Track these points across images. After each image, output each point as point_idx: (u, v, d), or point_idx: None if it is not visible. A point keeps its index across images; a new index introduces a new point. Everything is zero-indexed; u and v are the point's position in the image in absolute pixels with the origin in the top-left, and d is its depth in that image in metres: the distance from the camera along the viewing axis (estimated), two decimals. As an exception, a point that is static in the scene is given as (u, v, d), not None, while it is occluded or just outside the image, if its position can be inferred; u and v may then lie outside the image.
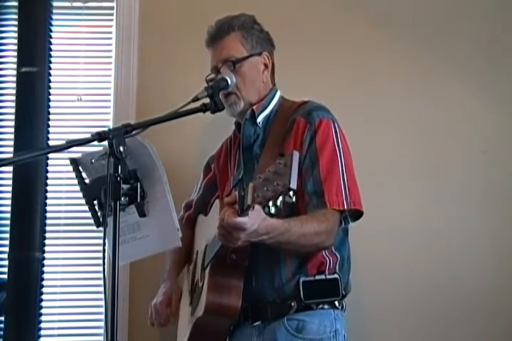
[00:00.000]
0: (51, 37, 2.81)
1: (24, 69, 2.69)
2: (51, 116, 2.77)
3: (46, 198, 2.70)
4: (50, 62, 2.79)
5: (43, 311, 2.64)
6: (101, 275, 1.78)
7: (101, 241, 1.66)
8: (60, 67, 2.83)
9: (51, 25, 2.82)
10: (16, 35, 2.75)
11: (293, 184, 1.48)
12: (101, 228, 1.70)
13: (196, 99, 1.89)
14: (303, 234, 1.87)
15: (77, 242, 2.72)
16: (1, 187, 2.74)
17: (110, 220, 1.65)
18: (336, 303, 2.01)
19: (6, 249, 2.62)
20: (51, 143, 2.73)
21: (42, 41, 2.75)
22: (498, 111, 2.77)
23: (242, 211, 1.66)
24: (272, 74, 2.23)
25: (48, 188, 2.72)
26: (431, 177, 2.71)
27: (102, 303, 1.81)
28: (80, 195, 1.82)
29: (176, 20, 2.81)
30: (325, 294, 1.99)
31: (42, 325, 2.63)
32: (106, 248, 1.66)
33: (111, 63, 2.80)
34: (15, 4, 2.78)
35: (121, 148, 1.67)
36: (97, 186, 1.74)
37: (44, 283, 2.65)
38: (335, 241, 1.99)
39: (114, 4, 2.82)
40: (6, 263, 2.61)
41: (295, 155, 1.51)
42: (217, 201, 2.11)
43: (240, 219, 1.68)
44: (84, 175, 1.84)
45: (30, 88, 2.70)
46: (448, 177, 2.71)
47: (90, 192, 1.79)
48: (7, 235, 2.63)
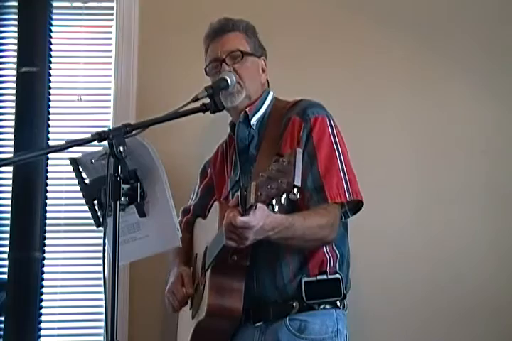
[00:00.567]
0: (51, 37, 2.81)
1: (24, 69, 2.69)
2: (51, 116, 2.77)
3: (46, 198, 2.70)
4: (50, 62, 2.79)
5: (43, 311, 2.64)
6: (101, 275, 1.78)
7: (101, 241, 1.66)
8: (60, 67, 2.83)
9: (51, 25, 2.82)
10: (16, 35, 2.75)
11: (297, 181, 1.48)
12: (101, 228, 1.70)
13: (196, 99, 1.89)
14: (307, 228, 1.88)
15: (77, 242, 2.72)
16: (1, 187, 2.74)
17: (110, 220, 1.65)
18: (338, 303, 2.01)
19: (6, 249, 2.62)
20: (51, 143, 2.74)
21: (42, 41, 2.75)
22: (498, 111, 2.76)
23: (245, 210, 1.66)
24: (266, 80, 2.26)
25: (48, 188, 2.72)
26: (431, 177, 2.71)
27: (102, 303, 1.80)
28: (80, 195, 1.82)
29: (176, 20, 2.81)
30: (327, 294, 2.00)
31: (42, 325, 2.63)
32: (106, 248, 1.65)
33: (111, 63, 2.80)
34: (15, 4, 2.78)
35: (121, 148, 1.66)
36: (97, 186, 1.74)
37: (44, 283, 2.65)
38: (336, 237, 1.99)
39: (114, 4, 2.82)
40: (6, 263, 2.61)
41: (298, 152, 1.52)
42: (216, 203, 2.10)
43: (245, 218, 1.69)
44: (84, 175, 1.84)
45: (30, 88, 2.70)
46: (448, 177, 2.71)
47: (90, 192, 1.79)
48: (7, 235, 2.63)
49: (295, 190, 1.49)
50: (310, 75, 2.73)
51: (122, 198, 1.68)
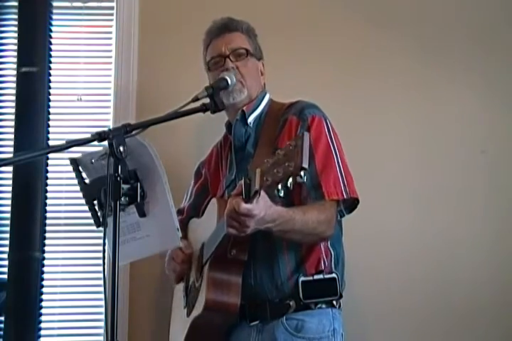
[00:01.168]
0: (51, 37, 2.81)
1: (24, 69, 2.69)
2: (51, 116, 2.77)
3: (46, 198, 2.70)
4: (50, 62, 2.79)
5: (43, 311, 2.64)
6: (101, 275, 1.78)
7: (101, 241, 1.66)
8: (60, 67, 2.83)
9: (51, 25, 2.82)
10: (16, 35, 2.75)
11: (305, 163, 1.48)
12: (101, 228, 1.70)
13: (196, 99, 1.89)
14: (306, 222, 1.89)
15: (77, 242, 2.72)
16: (1, 187, 2.74)
17: (110, 220, 1.65)
18: (334, 302, 2.02)
19: (6, 249, 2.62)
20: (51, 143, 2.74)
21: (42, 41, 2.75)
22: (498, 110, 2.76)
23: (249, 198, 1.67)
24: (264, 83, 2.27)
25: (48, 188, 2.72)
26: (431, 177, 2.71)
27: (102, 303, 1.80)
28: (80, 195, 1.82)
29: (176, 20, 2.81)
30: (324, 294, 2.01)
31: (42, 325, 2.63)
32: (106, 248, 1.65)
33: (111, 63, 2.80)
34: (15, 4, 2.78)
35: (121, 148, 1.67)
36: (97, 186, 1.74)
37: (44, 283, 2.65)
38: (332, 234, 2.01)
39: (114, 4, 2.82)
40: (6, 263, 2.61)
41: (306, 135, 1.51)
42: (213, 200, 2.11)
43: (249, 205, 1.70)
44: (84, 175, 1.84)
45: (30, 88, 2.70)
46: (448, 177, 2.71)
47: (90, 192, 1.79)
48: (7, 235, 2.63)
49: (302, 173, 1.48)
50: (308, 76, 2.72)
51: (122, 198, 1.68)
